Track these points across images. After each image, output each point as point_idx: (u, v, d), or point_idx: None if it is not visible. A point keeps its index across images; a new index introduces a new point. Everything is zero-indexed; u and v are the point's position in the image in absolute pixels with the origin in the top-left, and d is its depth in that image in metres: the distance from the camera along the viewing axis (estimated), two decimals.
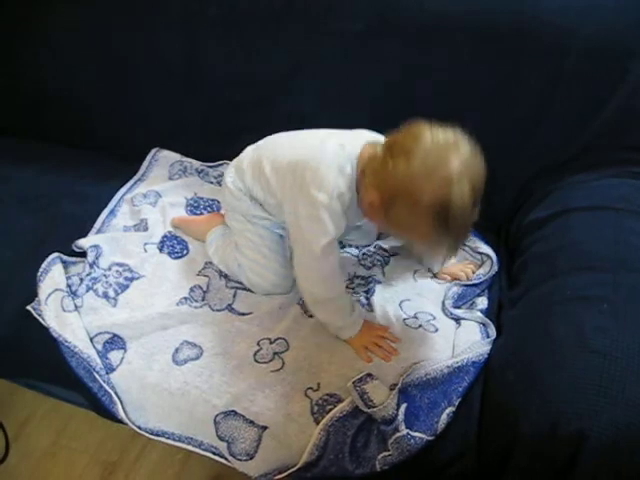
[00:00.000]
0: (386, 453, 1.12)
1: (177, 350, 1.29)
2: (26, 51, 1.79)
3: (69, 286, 1.38)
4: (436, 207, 1.07)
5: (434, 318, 1.35)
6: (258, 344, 1.29)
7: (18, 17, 1.76)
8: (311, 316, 1.34)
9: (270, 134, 1.43)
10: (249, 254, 1.40)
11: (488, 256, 1.49)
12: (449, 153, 1.09)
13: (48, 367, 1.33)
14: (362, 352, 1.26)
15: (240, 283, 1.44)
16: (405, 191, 1.10)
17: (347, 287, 1.41)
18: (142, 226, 1.54)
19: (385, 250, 1.54)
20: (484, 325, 1.33)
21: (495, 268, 1.46)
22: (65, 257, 1.44)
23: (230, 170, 1.43)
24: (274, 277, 1.39)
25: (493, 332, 1.30)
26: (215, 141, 1.70)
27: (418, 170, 1.08)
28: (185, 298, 1.39)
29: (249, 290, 1.43)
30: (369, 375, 1.18)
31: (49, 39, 1.76)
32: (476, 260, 1.52)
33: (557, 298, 1.21)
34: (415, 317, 1.35)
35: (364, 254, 1.52)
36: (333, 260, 1.25)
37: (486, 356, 1.24)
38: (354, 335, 1.28)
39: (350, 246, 1.53)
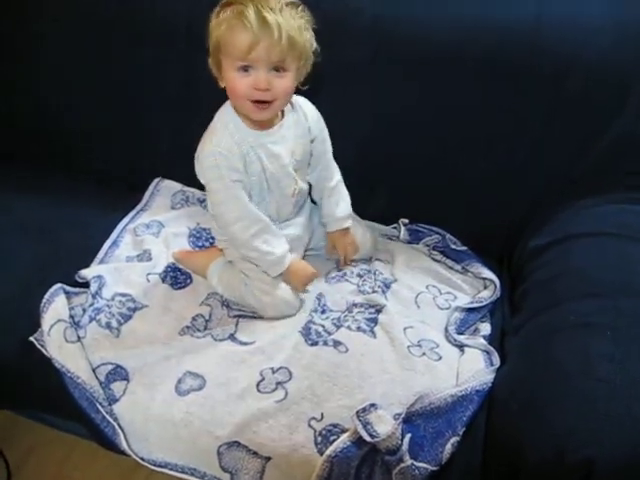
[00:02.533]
0: None
1: (180, 380, 1.28)
2: (27, 80, 1.80)
3: (72, 317, 1.37)
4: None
5: (437, 346, 1.35)
6: (261, 374, 1.28)
7: (19, 45, 1.77)
8: (312, 344, 1.34)
9: None
10: (254, 275, 1.41)
11: (491, 281, 1.49)
12: None
13: (51, 398, 1.33)
14: (300, 288, 1.44)
15: (243, 310, 1.44)
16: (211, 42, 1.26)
17: (347, 315, 1.42)
18: (145, 256, 1.54)
19: (383, 274, 1.54)
20: (488, 353, 1.33)
21: (498, 293, 1.46)
22: (68, 288, 1.43)
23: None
24: (283, 293, 1.40)
25: (497, 360, 1.29)
26: None
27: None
28: (187, 327, 1.39)
29: (252, 317, 1.43)
30: (373, 405, 1.17)
31: (49, 67, 1.77)
32: (479, 285, 1.53)
33: (560, 325, 1.21)
34: (418, 345, 1.35)
35: (364, 281, 1.51)
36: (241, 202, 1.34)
37: (490, 384, 1.24)
38: (284, 272, 1.39)
39: (346, 274, 1.54)
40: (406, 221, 1.64)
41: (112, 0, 1.66)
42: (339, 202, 1.51)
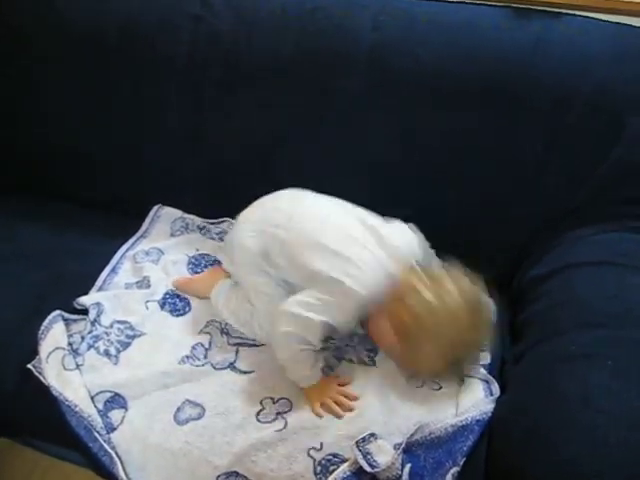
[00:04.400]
0: None
1: (179, 409, 1.28)
2: (29, 111, 1.81)
3: (70, 344, 1.37)
4: (454, 351, 1.27)
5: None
6: (261, 403, 1.28)
7: (22, 76, 1.78)
8: None
9: (270, 192, 1.45)
10: (262, 307, 1.39)
11: None
12: (475, 311, 1.27)
13: (48, 426, 1.32)
14: (316, 406, 1.27)
15: (243, 338, 1.43)
16: (435, 319, 1.24)
17: (348, 345, 1.41)
18: (144, 283, 1.54)
19: None
20: (487, 382, 1.32)
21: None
22: (67, 315, 1.43)
23: (247, 227, 1.44)
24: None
25: (497, 390, 1.29)
26: (216, 199, 1.71)
27: (447, 318, 1.24)
28: (187, 356, 1.38)
29: (252, 345, 1.41)
30: (372, 435, 1.17)
31: (50, 98, 1.77)
32: None
33: (561, 355, 1.20)
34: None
35: None
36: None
37: (490, 414, 1.23)
38: (311, 385, 1.30)
39: None
40: None
41: (112, 35, 1.67)
42: None
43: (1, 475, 1.71)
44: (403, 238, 1.40)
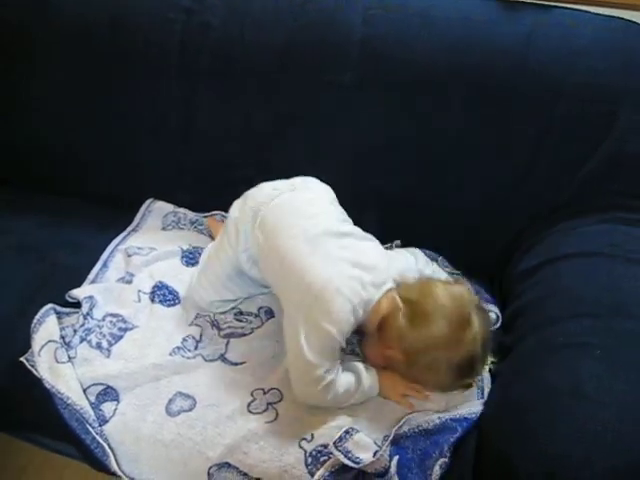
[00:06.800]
0: None
1: (170, 401, 1.28)
2: (24, 103, 1.81)
3: (63, 337, 1.38)
4: (461, 366, 1.20)
5: None
6: (252, 395, 1.28)
7: (16, 69, 1.78)
8: None
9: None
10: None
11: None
12: (467, 316, 1.20)
13: (41, 419, 1.32)
14: (402, 401, 1.27)
15: (233, 328, 1.43)
16: (432, 353, 1.20)
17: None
18: (128, 278, 1.54)
19: None
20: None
21: (498, 324, 1.45)
22: (59, 308, 1.43)
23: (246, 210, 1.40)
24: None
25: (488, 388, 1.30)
26: (212, 193, 1.71)
27: (443, 334, 1.18)
28: (178, 348, 1.38)
29: (241, 336, 1.42)
30: (347, 432, 1.17)
31: (47, 91, 1.77)
32: None
33: (550, 345, 1.21)
34: None
35: None
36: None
37: (479, 414, 1.23)
38: (380, 387, 1.28)
39: None
40: (399, 242, 1.64)
41: (104, 31, 1.67)
42: None
43: None
44: (381, 256, 1.35)
